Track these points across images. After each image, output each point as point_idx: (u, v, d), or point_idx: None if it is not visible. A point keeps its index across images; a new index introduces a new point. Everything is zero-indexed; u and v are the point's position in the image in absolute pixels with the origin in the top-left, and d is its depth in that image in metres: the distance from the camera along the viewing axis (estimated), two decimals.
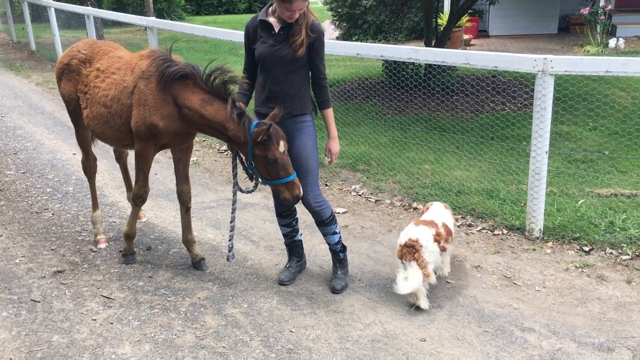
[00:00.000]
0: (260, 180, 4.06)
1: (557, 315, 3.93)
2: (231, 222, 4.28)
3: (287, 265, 4.50)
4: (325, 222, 4.21)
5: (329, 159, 4.19)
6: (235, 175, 4.26)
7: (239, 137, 3.91)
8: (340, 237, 4.34)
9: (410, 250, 3.91)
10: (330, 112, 4.14)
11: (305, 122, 4.07)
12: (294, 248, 4.50)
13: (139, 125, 4.13)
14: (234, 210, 4.28)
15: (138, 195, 4.48)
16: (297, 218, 4.45)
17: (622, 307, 4.01)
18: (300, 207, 4.46)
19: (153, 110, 4.06)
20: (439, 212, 4.43)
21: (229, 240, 4.30)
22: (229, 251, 4.30)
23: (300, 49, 3.87)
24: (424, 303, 3.98)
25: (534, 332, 3.74)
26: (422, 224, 4.14)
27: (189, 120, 4.04)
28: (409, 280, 3.86)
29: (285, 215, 4.36)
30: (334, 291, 4.26)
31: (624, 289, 4.23)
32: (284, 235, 4.47)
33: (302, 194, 3.95)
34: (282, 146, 3.83)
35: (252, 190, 4.32)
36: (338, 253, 4.37)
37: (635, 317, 3.89)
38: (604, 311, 3.97)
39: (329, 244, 4.36)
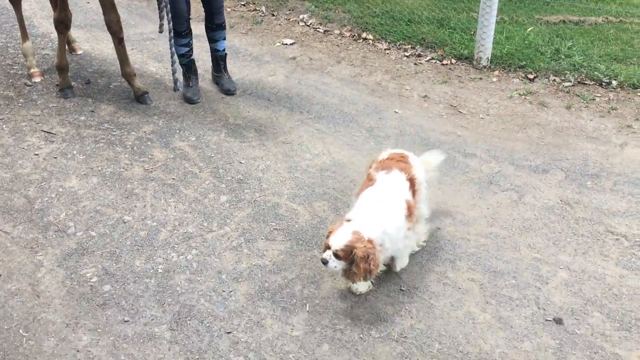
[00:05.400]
0: None
1: (498, 141, 4.07)
2: (170, 48, 4.25)
3: (190, 85, 4.59)
4: (222, 26, 4.54)
5: None
6: (161, 10, 4.09)
7: None
8: (225, 44, 4.69)
9: None
10: None
11: None
12: (192, 66, 4.62)
13: None
14: (171, 39, 4.22)
15: (59, 21, 4.23)
16: (192, 37, 4.51)
17: (559, 132, 4.17)
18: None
19: None
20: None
21: (173, 72, 4.28)
22: (175, 83, 4.33)
23: None
24: None
25: (476, 157, 3.89)
26: None
27: None
28: None
29: (185, 34, 4.39)
30: (229, 92, 4.63)
31: (563, 114, 4.37)
32: (182, 55, 4.51)
33: None
34: None
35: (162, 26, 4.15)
36: (225, 58, 4.72)
37: (571, 140, 4.07)
38: (543, 136, 4.13)
39: (217, 50, 4.65)
